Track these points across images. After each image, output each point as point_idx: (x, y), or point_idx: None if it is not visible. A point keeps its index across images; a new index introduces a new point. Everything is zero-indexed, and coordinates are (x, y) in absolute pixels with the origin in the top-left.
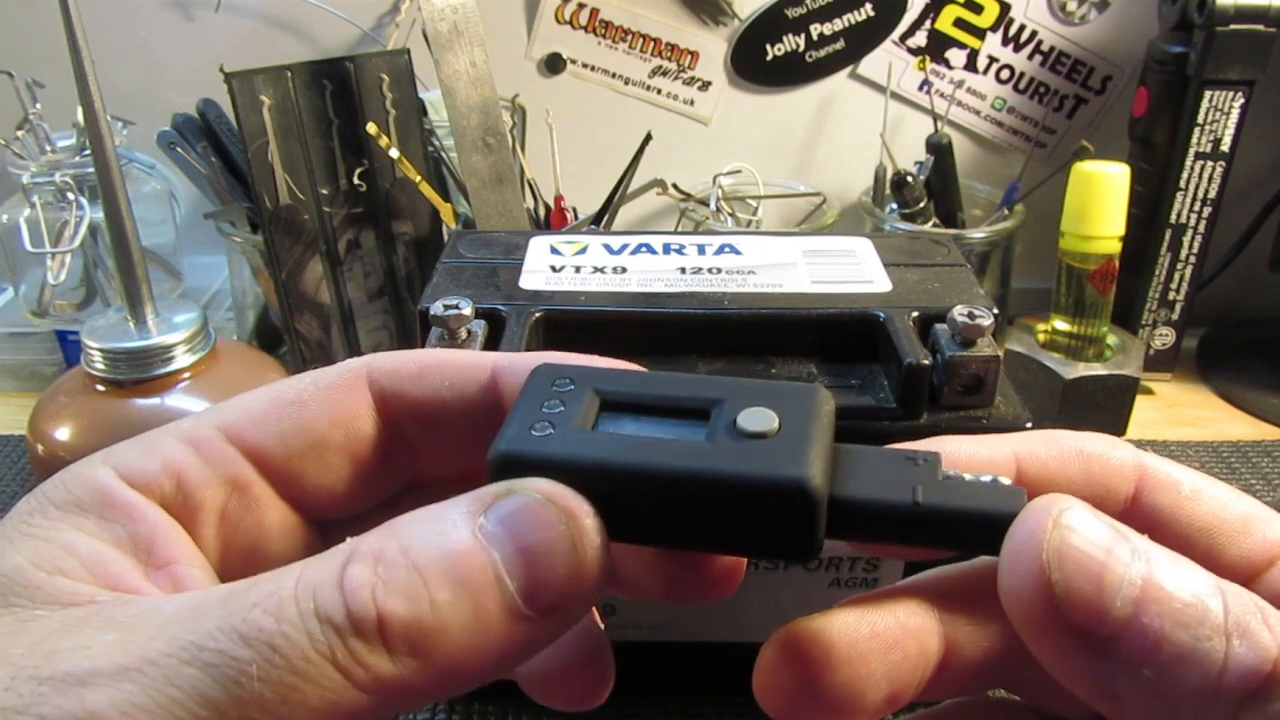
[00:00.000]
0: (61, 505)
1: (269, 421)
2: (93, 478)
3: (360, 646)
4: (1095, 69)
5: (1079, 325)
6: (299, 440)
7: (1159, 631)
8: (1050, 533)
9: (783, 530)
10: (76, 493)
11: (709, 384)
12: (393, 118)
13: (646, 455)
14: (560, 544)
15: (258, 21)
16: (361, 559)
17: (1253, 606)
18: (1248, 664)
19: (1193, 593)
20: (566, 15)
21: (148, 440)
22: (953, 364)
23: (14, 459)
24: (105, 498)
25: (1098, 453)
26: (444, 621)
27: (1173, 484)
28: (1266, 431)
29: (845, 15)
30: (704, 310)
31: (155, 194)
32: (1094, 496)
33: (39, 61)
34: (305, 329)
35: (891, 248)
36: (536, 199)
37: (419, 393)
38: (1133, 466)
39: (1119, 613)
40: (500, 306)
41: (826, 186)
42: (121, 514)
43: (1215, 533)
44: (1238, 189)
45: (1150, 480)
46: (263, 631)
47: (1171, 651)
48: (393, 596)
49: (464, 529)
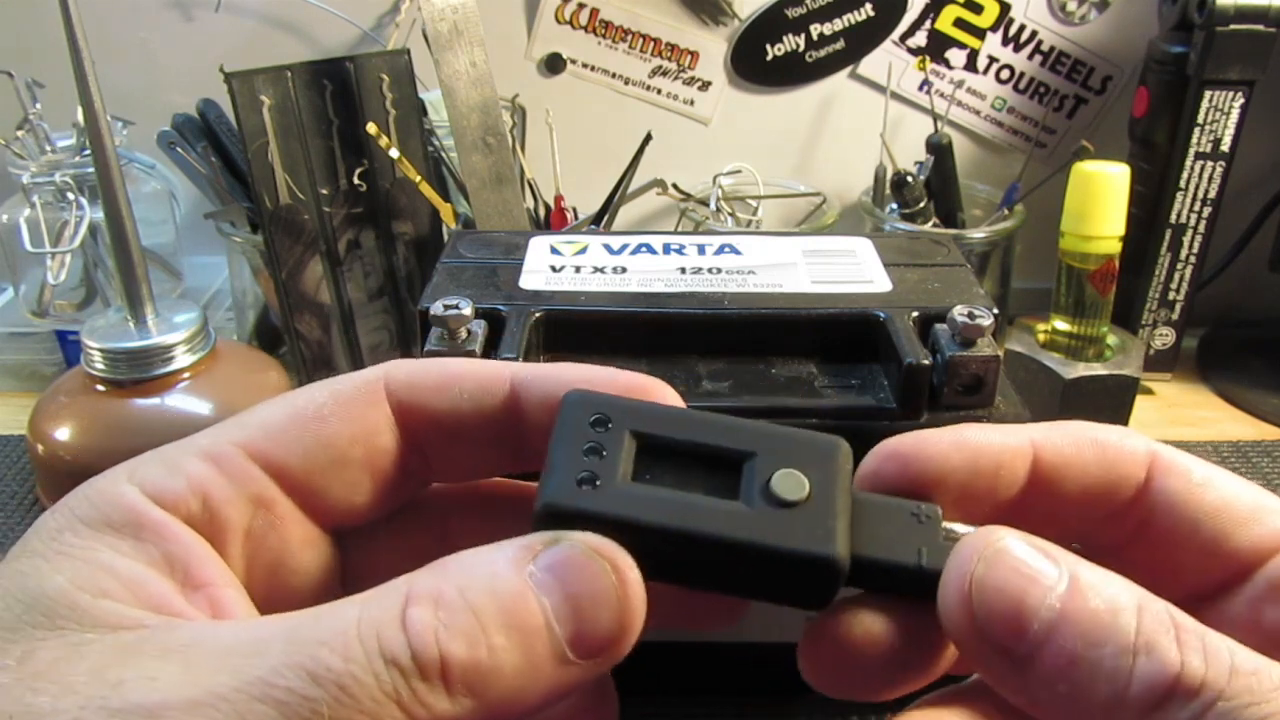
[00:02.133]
0: (91, 524)
1: (290, 438)
2: (120, 496)
3: (423, 687)
4: (1095, 69)
5: (1079, 325)
6: (321, 456)
7: (1072, 651)
8: (975, 565)
9: (807, 590)
10: (106, 511)
11: (740, 431)
12: (393, 118)
13: (688, 519)
14: (606, 594)
15: (258, 21)
16: (421, 601)
17: (1167, 623)
18: (1150, 678)
19: (1109, 611)
20: (566, 15)
21: (169, 457)
22: (953, 364)
23: (14, 459)
24: (136, 517)
25: (1112, 441)
26: (499, 664)
27: (1183, 471)
28: (1266, 431)
29: (845, 15)
30: (704, 310)
31: (155, 194)
32: (1106, 482)
33: (39, 61)
34: (305, 329)
35: (891, 248)
36: (536, 199)
37: (438, 405)
38: (1145, 454)
39: (1035, 635)
40: (500, 306)
41: (826, 186)
42: (154, 534)
43: (1223, 519)
44: (1238, 189)
45: (1162, 467)
46: (331, 671)
47: (1083, 669)
48: (455, 640)
49: (516, 575)
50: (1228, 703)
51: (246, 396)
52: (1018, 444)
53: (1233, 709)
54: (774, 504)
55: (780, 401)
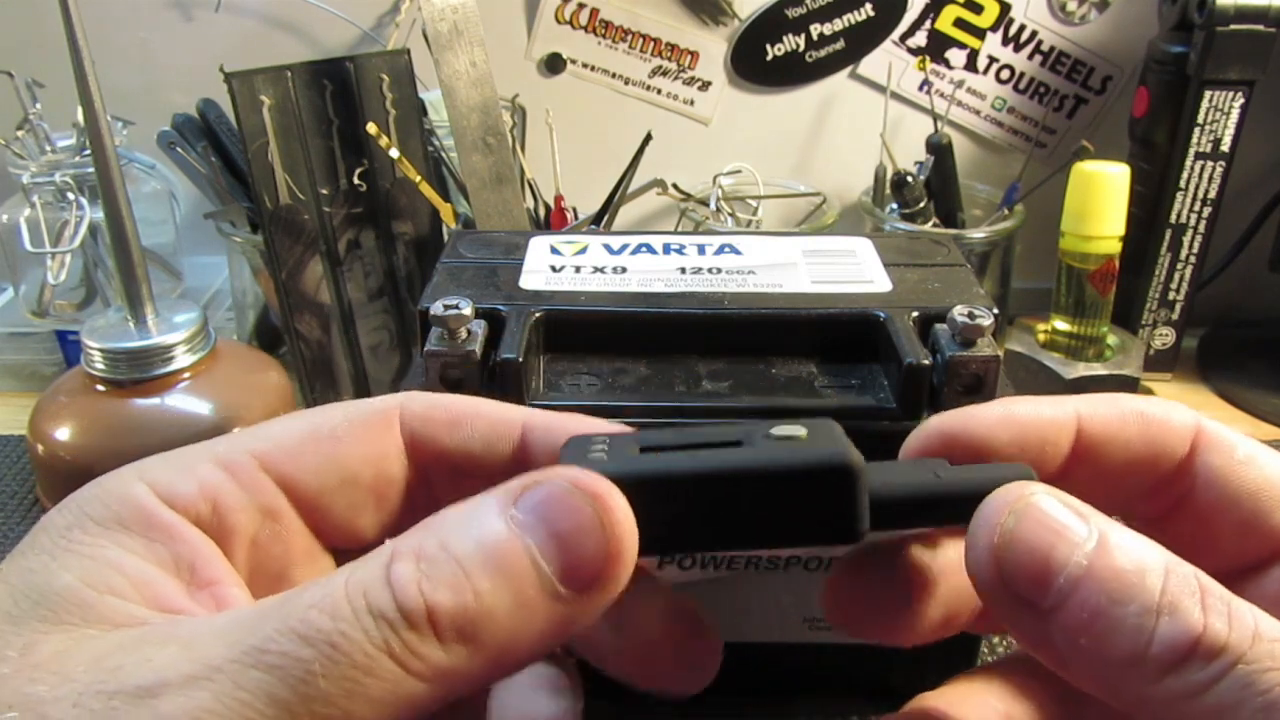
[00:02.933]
0: (102, 522)
1: (304, 454)
2: (131, 495)
3: (413, 638)
4: (1095, 69)
5: (1079, 325)
6: (331, 475)
7: (1095, 606)
8: (1005, 517)
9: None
10: (117, 510)
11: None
12: (393, 118)
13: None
14: (590, 526)
15: (258, 21)
16: (403, 557)
17: (1193, 586)
18: (1172, 637)
19: (1135, 570)
20: (566, 15)
21: (182, 460)
22: (953, 364)
23: (14, 459)
24: (147, 517)
25: (1156, 414)
26: (488, 608)
27: (1227, 447)
28: (1266, 431)
29: (845, 15)
30: (704, 310)
31: (155, 194)
32: (1149, 454)
33: (39, 61)
34: (305, 329)
35: (891, 248)
36: (536, 199)
37: (449, 442)
38: (1190, 428)
39: (1061, 588)
40: (500, 306)
41: (826, 186)
42: (163, 534)
43: (1263, 497)
44: (1238, 189)
45: (1205, 441)
46: (321, 631)
47: (1105, 623)
48: (438, 589)
49: (498, 520)
50: (1248, 666)
51: (246, 396)
52: (1063, 416)
53: (1252, 673)
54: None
55: (780, 401)
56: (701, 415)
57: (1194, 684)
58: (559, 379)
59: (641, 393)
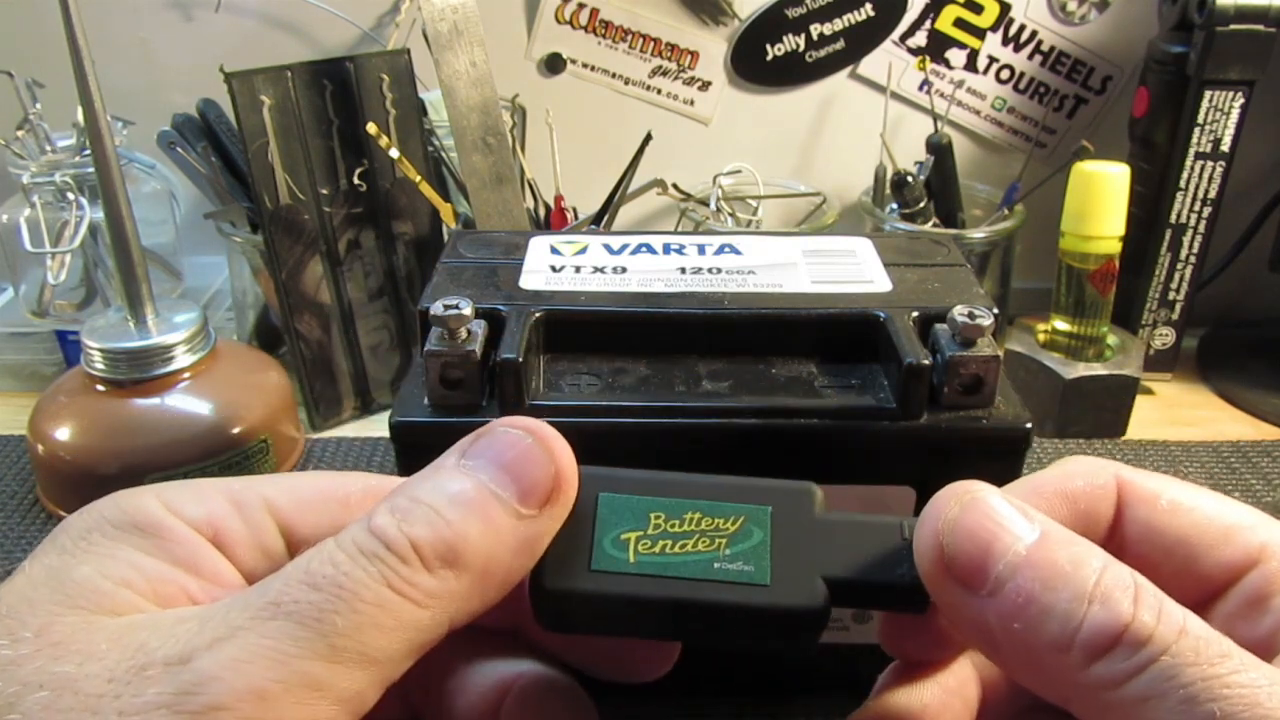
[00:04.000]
0: (119, 525)
1: (311, 509)
2: (145, 505)
3: (404, 569)
4: (1095, 69)
5: (1079, 325)
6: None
7: (1030, 591)
8: (951, 507)
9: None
10: (133, 515)
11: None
12: (393, 118)
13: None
14: (532, 453)
15: (258, 21)
16: (380, 512)
17: (1127, 582)
18: (1100, 624)
19: (1071, 562)
20: (566, 15)
21: (197, 488)
22: (953, 364)
23: (14, 459)
24: (159, 524)
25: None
26: (462, 533)
27: (1150, 497)
28: (1266, 431)
29: (845, 15)
30: (704, 310)
31: (155, 194)
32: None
33: (39, 61)
34: (305, 329)
35: (891, 248)
36: (536, 199)
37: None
38: (1111, 487)
39: (999, 574)
40: (500, 306)
41: (826, 186)
42: (174, 539)
43: (1193, 543)
44: (1238, 189)
45: (1128, 495)
46: (326, 577)
47: (1038, 608)
48: (415, 526)
49: (453, 470)
50: (1172, 659)
51: (246, 396)
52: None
53: (1176, 666)
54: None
55: (780, 401)
56: (701, 415)
57: (1119, 672)
58: (559, 379)
59: (641, 393)
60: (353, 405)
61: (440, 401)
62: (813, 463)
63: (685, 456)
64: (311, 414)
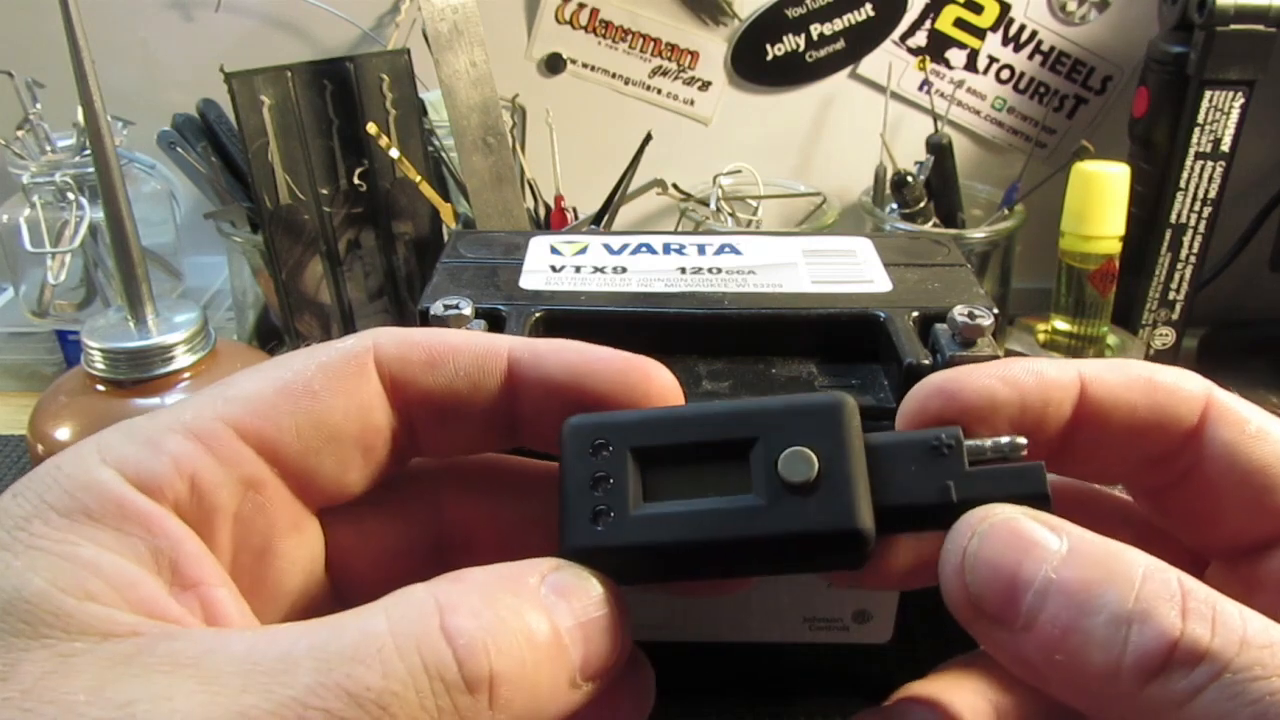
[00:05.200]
0: (66, 513)
1: (281, 414)
2: (96, 480)
3: (466, 700)
4: (1095, 69)
5: (1079, 325)
6: (314, 435)
7: (1066, 620)
8: (969, 540)
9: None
10: (81, 499)
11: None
12: (393, 118)
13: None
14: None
15: (258, 21)
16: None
17: (1172, 590)
18: (1145, 644)
19: (1104, 580)
20: (566, 15)
21: (146, 434)
22: (953, 364)
23: (14, 459)
24: (118, 507)
25: (1165, 381)
26: (534, 681)
27: (1239, 420)
28: None
29: (845, 15)
30: (704, 310)
31: (155, 194)
32: (1155, 422)
33: (39, 61)
34: (305, 329)
35: (891, 248)
36: (536, 199)
37: (431, 383)
38: (1200, 397)
39: (1030, 607)
40: (500, 306)
41: (826, 186)
42: (139, 526)
43: (1271, 475)
44: (1238, 189)
45: (1217, 412)
46: (371, 690)
47: (1077, 638)
48: (501, 658)
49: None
50: (1234, 675)
51: None
52: (1066, 378)
53: (1239, 681)
54: (787, 490)
55: None
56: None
57: (1177, 693)
58: None
59: None
60: None
61: None
62: None
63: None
64: None
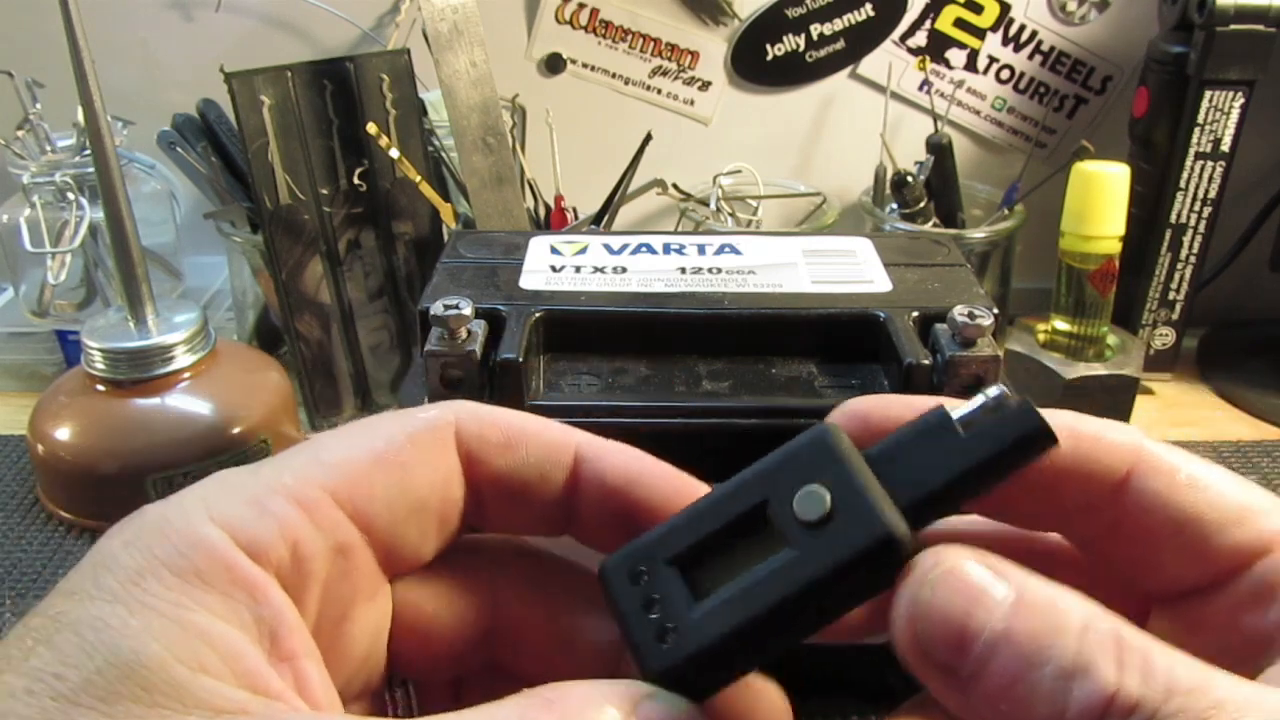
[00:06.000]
0: (179, 572)
1: (375, 484)
2: (207, 541)
3: None
4: (1095, 69)
5: (1079, 325)
6: (403, 507)
7: (1013, 671)
8: (920, 588)
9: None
10: (193, 559)
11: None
12: (393, 118)
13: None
14: None
15: (258, 21)
16: None
17: (1108, 643)
18: (1085, 699)
19: (1051, 632)
20: (566, 15)
21: (251, 494)
22: (953, 364)
23: (14, 459)
24: (227, 570)
25: (1090, 432)
26: None
27: (1168, 469)
28: (1266, 431)
29: (845, 15)
30: (704, 310)
31: (155, 194)
32: (1081, 473)
33: (39, 61)
34: (305, 329)
35: (891, 248)
36: (536, 199)
37: (502, 464)
38: (1129, 448)
39: (979, 655)
40: (500, 306)
41: (826, 186)
42: (245, 592)
43: (1206, 521)
44: (1238, 189)
45: (1146, 463)
46: None
47: (1023, 689)
48: None
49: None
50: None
51: (246, 396)
52: None
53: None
54: (812, 530)
55: (780, 401)
56: (701, 415)
57: None
58: (559, 379)
59: (641, 392)
60: (353, 405)
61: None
62: None
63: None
64: (311, 414)
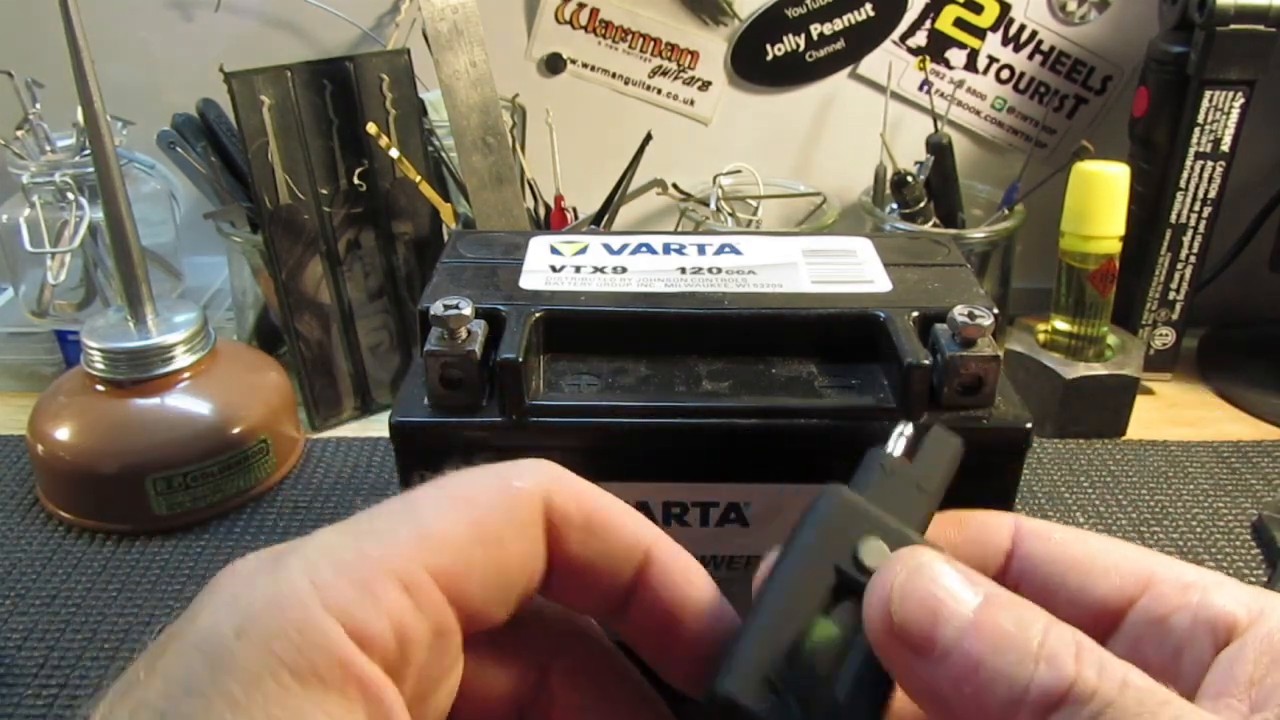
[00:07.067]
0: (299, 675)
1: (474, 564)
2: (323, 636)
3: None
4: (1095, 69)
5: (1079, 325)
6: (497, 586)
7: (979, 654)
8: (899, 574)
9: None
10: (313, 659)
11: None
12: (393, 118)
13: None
14: None
15: (258, 21)
16: None
17: (1069, 641)
18: (1047, 683)
19: (1017, 626)
20: (566, 15)
21: (361, 577)
22: (952, 364)
23: (14, 459)
24: (343, 669)
25: (975, 520)
26: None
27: (1044, 533)
28: (1266, 431)
29: (845, 15)
30: (704, 310)
31: (155, 194)
32: (974, 555)
33: (39, 61)
34: (305, 329)
35: (891, 248)
36: (536, 199)
37: (578, 550)
38: (1008, 525)
39: (947, 639)
40: (500, 306)
41: (826, 186)
42: (360, 692)
43: (1085, 569)
44: (1238, 189)
45: (1025, 533)
46: None
47: (987, 671)
48: None
49: None
50: (1116, 712)
51: (246, 396)
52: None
53: (1120, 717)
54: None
55: (780, 401)
56: (701, 415)
57: None
58: (559, 379)
59: (641, 393)
60: (353, 405)
61: (440, 401)
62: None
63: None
64: (311, 414)
